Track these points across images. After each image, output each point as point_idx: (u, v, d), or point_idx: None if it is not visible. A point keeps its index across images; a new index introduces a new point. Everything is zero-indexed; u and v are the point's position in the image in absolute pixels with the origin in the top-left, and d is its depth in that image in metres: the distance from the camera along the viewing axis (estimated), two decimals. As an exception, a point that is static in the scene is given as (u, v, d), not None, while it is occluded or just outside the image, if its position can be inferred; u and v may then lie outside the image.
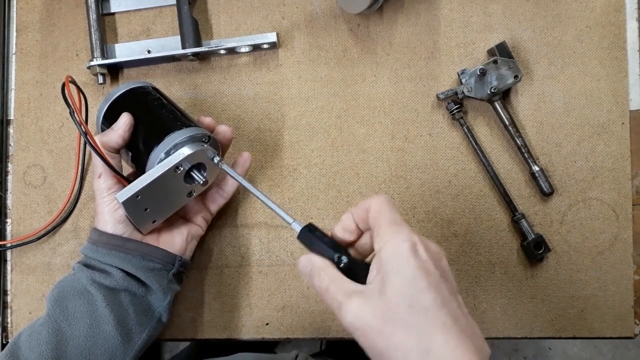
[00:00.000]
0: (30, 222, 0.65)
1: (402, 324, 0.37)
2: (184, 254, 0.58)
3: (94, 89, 0.66)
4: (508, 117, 0.61)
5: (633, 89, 0.63)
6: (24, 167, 0.66)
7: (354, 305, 0.38)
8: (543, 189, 0.61)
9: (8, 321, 0.65)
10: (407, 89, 0.64)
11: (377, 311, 0.38)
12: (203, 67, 0.65)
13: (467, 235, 0.63)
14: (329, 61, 0.64)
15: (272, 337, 0.64)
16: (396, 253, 0.39)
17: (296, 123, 0.64)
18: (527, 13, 0.63)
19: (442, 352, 0.36)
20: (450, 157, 0.63)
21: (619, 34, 0.63)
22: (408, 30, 0.64)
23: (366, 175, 0.64)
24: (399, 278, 0.38)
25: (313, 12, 0.65)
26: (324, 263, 0.42)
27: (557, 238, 0.62)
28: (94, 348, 0.52)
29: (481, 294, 0.62)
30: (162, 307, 0.55)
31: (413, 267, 0.38)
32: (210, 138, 0.54)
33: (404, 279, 0.38)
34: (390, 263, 0.39)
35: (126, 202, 0.49)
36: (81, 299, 0.52)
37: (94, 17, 0.63)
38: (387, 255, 0.39)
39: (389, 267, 0.39)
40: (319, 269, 0.42)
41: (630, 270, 0.62)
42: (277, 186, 0.64)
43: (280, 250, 0.64)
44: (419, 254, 0.39)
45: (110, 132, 0.54)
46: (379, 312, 0.37)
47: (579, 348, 1.42)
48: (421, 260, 0.38)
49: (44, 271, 0.65)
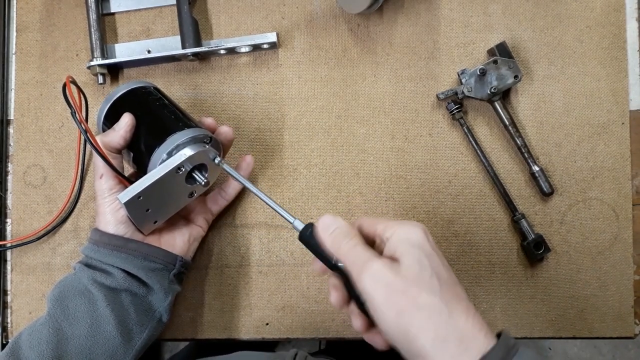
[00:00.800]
0: (30, 222, 0.65)
1: (426, 288, 0.39)
2: (186, 255, 0.58)
3: (94, 89, 0.66)
4: (508, 117, 0.61)
5: (633, 89, 0.63)
6: (24, 167, 0.66)
7: (380, 264, 0.41)
8: (543, 189, 0.61)
9: (8, 321, 0.65)
10: (407, 89, 0.64)
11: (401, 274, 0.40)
12: (203, 67, 0.65)
13: (467, 235, 0.63)
14: (329, 61, 0.64)
15: (272, 337, 0.64)
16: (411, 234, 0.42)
17: (296, 123, 0.64)
18: (527, 13, 0.63)
19: (463, 318, 0.38)
20: (450, 157, 0.63)
21: (619, 34, 0.63)
22: (408, 30, 0.64)
23: (366, 175, 0.64)
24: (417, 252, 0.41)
25: (313, 12, 0.65)
26: (350, 227, 0.44)
27: (557, 238, 0.62)
28: (95, 348, 0.52)
29: (481, 294, 0.63)
30: (163, 308, 0.56)
31: (428, 246, 0.41)
32: (212, 139, 0.54)
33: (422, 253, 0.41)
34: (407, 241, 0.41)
35: (128, 203, 0.50)
36: (82, 298, 0.52)
37: (94, 17, 0.63)
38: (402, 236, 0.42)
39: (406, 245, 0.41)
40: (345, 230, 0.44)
41: (630, 270, 0.62)
42: (277, 186, 0.64)
43: (280, 250, 0.64)
44: (429, 239, 0.42)
45: (112, 133, 0.54)
46: (403, 275, 0.40)
47: (579, 348, 1.42)
48: (432, 244, 0.42)
49: (44, 271, 0.65)
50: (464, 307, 0.39)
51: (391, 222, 0.43)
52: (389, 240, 0.42)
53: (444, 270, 0.41)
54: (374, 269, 0.40)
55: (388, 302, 0.39)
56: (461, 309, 0.39)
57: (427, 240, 0.42)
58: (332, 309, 0.63)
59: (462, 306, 0.39)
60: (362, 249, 0.42)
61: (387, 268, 0.40)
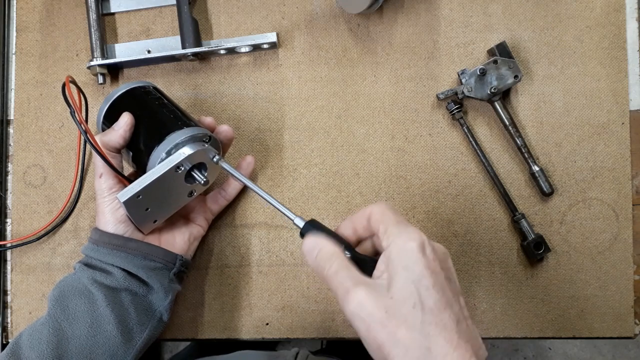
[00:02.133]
0: (30, 222, 0.65)
1: (405, 321, 0.37)
2: (186, 254, 0.58)
3: (94, 89, 0.66)
4: (508, 117, 0.61)
5: (633, 89, 0.63)
6: (24, 167, 0.66)
7: (362, 293, 0.38)
8: (543, 189, 0.61)
9: (8, 321, 0.65)
10: (407, 89, 0.64)
11: (382, 304, 0.38)
12: (203, 67, 0.65)
13: (467, 235, 0.63)
14: (329, 61, 0.64)
15: (272, 337, 0.64)
16: (405, 250, 0.39)
17: (296, 123, 0.64)
18: (527, 13, 0.63)
19: (442, 353, 0.36)
20: (450, 157, 0.63)
21: (619, 34, 0.63)
22: (408, 30, 0.64)
23: (366, 175, 0.64)
24: (405, 275, 0.38)
25: (313, 12, 0.65)
26: (333, 248, 0.42)
27: (557, 238, 0.62)
28: (95, 347, 0.52)
29: (481, 294, 0.63)
30: (163, 307, 0.55)
31: (420, 266, 0.38)
32: (211, 138, 0.54)
33: (411, 276, 0.38)
34: (399, 260, 0.39)
35: (127, 202, 0.50)
36: (82, 298, 0.52)
37: (94, 17, 0.63)
38: (395, 252, 0.39)
39: (397, 264, 0.39)
40: (328, 253, 0.42)
41: (630, 270, 0.62)
42: (277, 186, 0.64)
43: (280, 250, 0.64)
44: (426, 253, 0.39)
45: (111, 132, 0.54)
46: (384, 305, 0.38)
47: (579, 348, 1.42)
48: (428, 260, 0.39)
49: (44, 271, 0.65)
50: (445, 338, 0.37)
51: (392, 227, 0.41)
52: (385, 252, 0.40)
53: (433, 293, 0.38)
54: (355, 300, 0.38)
55: (369, 335, 0.38)
56: (442, 343, 0.37)
57: (423, 255, 0.39)
58: (332, 309, 0.63)
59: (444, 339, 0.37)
60: (345, 274, 0.40)
61: (368, 297, 0.38)
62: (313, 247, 0.43)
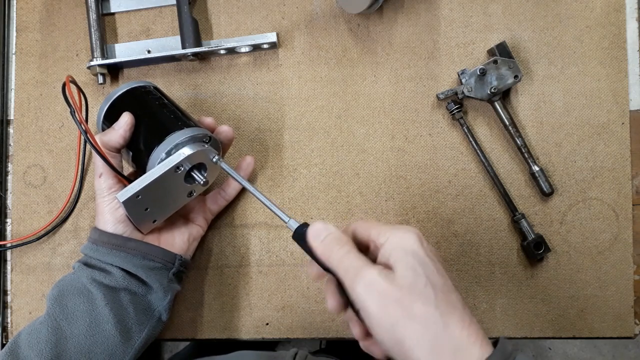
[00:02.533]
0: (30, 222, 0.65)
1: (421, 297, 0.38)
2: (185, 254, 0.58)
3: (94, 89, 0.66)
4: (508, 117, 0.61)
5: (633, 89, 0.63)
6: (24, 167, 0.66)
7: (374, 271, 0.39)
8: (543, 189, 0.61)
9: (8, 321, 0.65)
10: (407, 89, 0.64)
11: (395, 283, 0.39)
12: (203, 67, 0.65)
13: (467, 235, 0.63)
14: (329, 61, 0.64)
15: (272, 337, 0.64)
16: (405, 240, 0.40)
17: (296, 123, 0.64)
18: (527, 13, 0.63)
19: (459, 328, 0.37)
20: (450, 157, 0.63)
21: (619, 34, 0.63)
22: (408, 30, 0.64)
23: (366, 175, 0.64)
24: (410, 260, 0.39)
25: (313, 12, 0.65)
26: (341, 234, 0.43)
27: (557, 238, 0.62)
28: (94, 347, 0.52)
29: (481, 294, 0.63)
30: (162, 307, 0.56)
31: (422, 253, 0.40)
32: (211, 138, 0.54)
33: (416, 261, 0.39)
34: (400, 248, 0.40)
35: (127, 202, 0.50)
36: (81, 297, 0.52)
37: (94, 17, 0.63)
38: (396, 242, 0.41)
39: (399, 252, 0.40)
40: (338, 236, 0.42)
41: (630, 270, 0.62)
42: (277, 186, 0.64)
43: (280, 250, 0.64)
44: (423, 244, 0.41)
45: (111, 132, 0.54)
46: (397, 284, 0.38)
47: (579, 348, 1.42)
48: (426, 250, 0.40)
49: (44, 271, 0.65)
50: (459, 316, 0.38)
51: (385, 227, 0.42)
52: (383, 247, 0.41)
53: (438, 277, 0.39)
54: (367, 277, 0.39)
55: (382, 312, 0.38)
56: (456, 319, 0.38)
57: (422, 246, 0.40)
58: (331, 309, 0.63)
59: (457, 316, 0.38)
60: (355, 256, 0.41)
61: (381, 276, 0.39)
62: (321, 230, 0.43)
